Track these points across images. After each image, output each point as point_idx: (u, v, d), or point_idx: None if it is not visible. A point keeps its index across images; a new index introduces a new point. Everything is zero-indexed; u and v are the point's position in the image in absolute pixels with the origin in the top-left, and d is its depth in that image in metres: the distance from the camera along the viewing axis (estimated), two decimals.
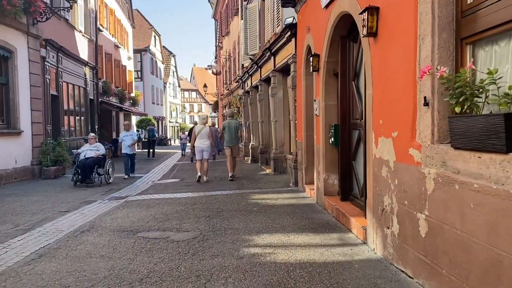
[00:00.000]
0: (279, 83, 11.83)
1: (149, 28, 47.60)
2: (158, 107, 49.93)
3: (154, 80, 47.74)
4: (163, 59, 53.95)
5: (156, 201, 8.39)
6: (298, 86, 8.86)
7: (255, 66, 14.49)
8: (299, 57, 8.61)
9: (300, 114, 8.55)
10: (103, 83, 21.79)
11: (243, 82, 19.12)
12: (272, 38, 11.18)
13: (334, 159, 6.68)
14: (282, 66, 10.98)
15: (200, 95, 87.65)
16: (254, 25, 14.38)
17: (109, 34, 24.56)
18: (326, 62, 6.47)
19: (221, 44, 29.66)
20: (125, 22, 30.54)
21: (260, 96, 14.34)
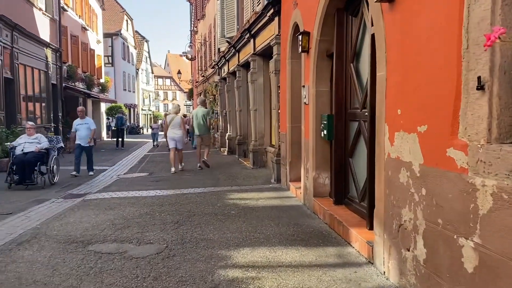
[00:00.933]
0: (260, 68, 10.79)
1: (121, 12, 45.51)
2: (130, 94, 48.05)
3: (125, 66, 45.81)
4: (136, 44, 51.85)
5: (118, 200, 7.28)
6: (282, 71, 7.86)
7: (233, 50, 13.39)
8: (284, 37, 7.59)
9: (285, 102, 7.56)
10: (68, 67, 20.23)
11: (219, 68, 17.97)
12: (252, 18, 10.10)
13: (325, 155, 5.73)
14: (263, 49, 9.93)
15: (174, 82, 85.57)
16: (231, 5, 13.24)
17: (75, 15, 22.89)
18: (318, 41, 5.48)
19: (196, 29, 28.28)
20: (94, 3, 28.72)
21: (238, 83, 13.27)
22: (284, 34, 7.57)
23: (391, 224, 3.36)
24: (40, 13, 16.19)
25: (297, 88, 7.25)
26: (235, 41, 12.65)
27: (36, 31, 15.62)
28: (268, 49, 9.60)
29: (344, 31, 5.11)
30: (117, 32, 42.24)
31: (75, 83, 21.24)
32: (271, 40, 8.60)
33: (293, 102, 7.26)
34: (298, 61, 7.21)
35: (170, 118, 10.79)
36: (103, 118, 32.38)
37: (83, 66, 24.36)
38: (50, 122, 17.10)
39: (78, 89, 20.99)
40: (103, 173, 11.36)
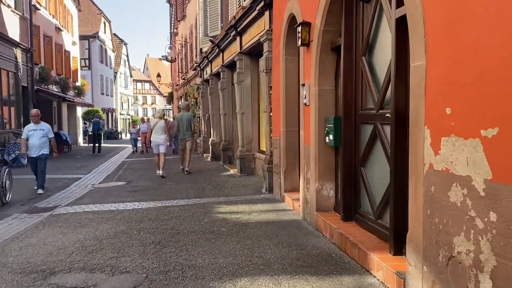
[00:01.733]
0: (247, 68, 10.04)
1: (98, 14, 44.17)
2: (108, 98, 46.69)
3: (103, 69, 44.47)
4: (114, 47, 50.50)
5: (91, 215, 6.39)
6: (274, 69, 7.13)
7: (217, 49, 12.61)
8: (277, 32, 6.86)
9: (278, 104, 6.82)
10: (40, 69, 19.08)
11: (201, 70, 17.15)
12: (238, 14, 9.35)
13: (330, 163, 5.00)
14: (251, 47, 9.19)
15: (153, 86, 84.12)
16: (215, 1, 12.47)
17: (48, 14, 21.72)
18: (322, 32, 4.76)
19: (176, 30, 27.38)
20: (69, 3, 27.54)
21: (223, 85, 12.49)
22: (277, 29, 6.84)
23: (435, 255, 2.64)
24: (8, 10, 15.09)
25: (292, 88, 6.53)
26: (219, 39, 11.88)
27: (4, 29, 14.52)
28: (257, 47, 8.87)
29: (353, 20, 4.41)
30: (94, 35, 40.94)
31: (49, 86, 20.07)
32: (261, 37, 7.87)
33: (288, 104, 6.53)
34: (293, 58, 6.50)
35: (154, 122, 10.93)
36: (80, 122, 31.11)
37: (57, 68, 23.18)
38: (20, 127, 15.93)
39: (51, 92, 19.83)
40: (77, 182, 10.40)
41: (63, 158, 18.24)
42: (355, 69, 4.43)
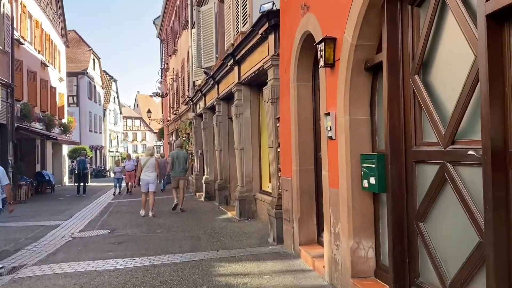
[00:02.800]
0: (246, 99, 9.04)
1: (88, 50, 43.70)
2: (96, 135, 45.50)
3: (92, 106, 43.55)
4: (103, 84, 49.79)
5: (62, 280, 5.13)
6: (283, 98, 6.11)
7: (211, 81, 11.66)
8: (285, 56, 5.88)
9: (288, 138, 5.75)
10: (22, 106, 17.96)
11: (194, 104, 16.17)
12: (237, 40, 8.43)
13: (368, 214, 3.89)
14: (251, 76, 8.22)
15: (144, 123, 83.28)
16: (209, 32, 11.63)
17: (33, 49, 20.83)
18: (354, 47, 3.75)
19: (167, 65, 26.68)
20: (57, 39, 26.82)
21: (218, 119, 11.45)
22: (285, 52, 5.87)
23: None
24: None
25: (306, 119, 5.49)
26: (215, 70, 10.94)
27: None
28: (259, 76, 7.90)
29: (398, 29, 3.41)
30: (83, 71, 40.26)
31: (31, 123, 18.89)
32: (265, 63, 6.89)
33: (302, 138, 5.47)
34: (306, 84, 5.50)
35: (144, 160, 10.79)
36: (66, 161, 29.76)
37: (42, 104, 22.07)
38: None
39: (33, 130, 18.61)
40: (54, 231, 9.09)
41: (44, 200, 16.89)
42: (403, 92, 3.40)
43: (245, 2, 8.40)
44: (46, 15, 23.84)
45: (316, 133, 5.49)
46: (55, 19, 26.56)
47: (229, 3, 9.70)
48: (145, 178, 10.56)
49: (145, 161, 10.69)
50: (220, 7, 11.41)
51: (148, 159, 10.72)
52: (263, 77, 7.72)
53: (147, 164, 10.59)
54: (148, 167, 10.57)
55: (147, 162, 10.62)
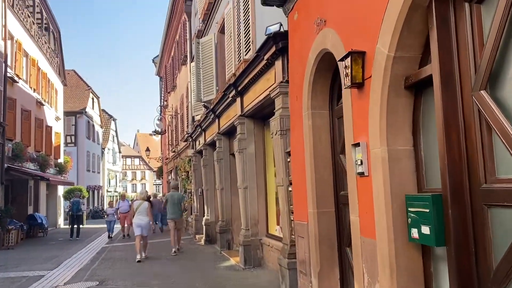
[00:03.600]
0: (250, 133, 8.26)
1: (87, 89, 43.55)
2: (94, 175, 44.62)
3: (90, 146, 42.90)
4: (102, 122, 49.36)
5: None
6: (294, 129, 5.32)
7: (212, 115, 10.94)
8: (297, 81, 5.15)
9: (302, 175, 4.93)
10: (14, 145, 17.20)
11: (193, 140, 15.42)
12: (239, 69, 7.76)
13: (417, 274, 3.01)
14: (256, 108, 7.49)
15: (143, 161, 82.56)
16: (209, 63, 11.04)
17: (28, 88, 20.34)
18: (391, 60, 3.00)
19: (166, 102, 26.20)
20: (54, 77, 26.48)
21: (219, 155, 10.65)
22: (297, 77, 5.14)
23: None
24: None
25: (323, 152, 4.69)
26: (215, 104, 10.24)
27: None
28: (264, 106, 7.18)
29: (452, 34, 2.66)
30: (82, 110, 39.86)
31: (23, 164, 18.06)
32: (272, 91, 6.16)
33: (319, 173, 4.65)
34: (322, 113, 4.73)
35: (138, 204, 10.69)
36: (61, 202, 28.70)
37: (36, 144, 21.35)
38: None
39: (24, 170, 17.74)
40: (36, 283, 8.09)
41: (34, 245, 15.82)
42: (462, 113, 2.61)
43: (247, 29, 7.80)
44: (44, 53, 23.55)
45: (336, 168, 4.68)
46: (52, 58, 26.31)
47: (230, 31, 9.13)
48: (138, 222, 10.42)
49: (138, 205, 10.62)
50: (221, 38, 10.88)
51: (141, 203, 10.65)
52: (269, 108, 7.00)
53: (140, 208, 10.53)
54: (140, 211, 10.50)
55: (140, 206, 10.56)
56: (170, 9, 20.21)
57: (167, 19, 21.37)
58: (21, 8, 19.48)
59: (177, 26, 20.71)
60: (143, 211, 10.46)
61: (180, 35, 20.00)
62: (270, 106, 6.70)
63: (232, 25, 8.98)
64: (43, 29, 23.92)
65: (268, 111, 7.24)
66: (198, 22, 14.26)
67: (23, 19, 19.72)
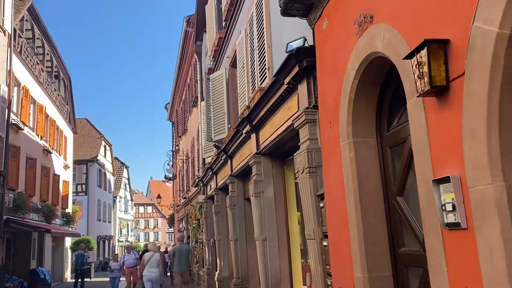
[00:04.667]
0: (268, 173, 7.07)
1: (99, 137, 43.22)
2: (105, 224, 43.36)
3: (101, 194, 41.95)
4: (114, 170, 48.65)
5: None
6: (329, 165, 4.13)
7: (223, 156, 9.84)
8: (329, 104, 4.03)
9: (343, 225, 3.68)
10: (16, 195, 16.22)
11: (204, 185, 14.26)
12: (254, 99, 6.71)
13: None
14: (274, 144, 6.35)
15: (156, 209, 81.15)
16: (220, 100, 10.08)
17: (35, 135, 19.67)
18: (506, 41, 1.86)
19: (178, 147, 25.33)
20: (63, 125, 25.94)
21: (232, 200, 9.43)
22: (329, 98, 4.03)
23: None
24: None
25: (372, 193, 3.48)
26: (227, 142, 9.16)
27: None
28: (283, 141, 6.05)
29: None
30: (93, 159, 39.22)
31: (25, 215, 16.98)
32: (295, 120, 5.04)
33: (368, 223, 3.42)
34: (367, 141, 3.57)
35: (149, 256, 10.41)
36: (68, 254, 27.32)
37: (42, 194, 20.39)
38: None
39: (25, 222, 16.61)
40: None
41: None
42: None
43: (262, 55, 6.82)
44: (53, 101, 23.11)
45: (390, 216, 3.44)
46: (62, 105, 25.91)
47: (243, 62, 8.19)
48: (149, 275, 10.13)
49: (150, 257, 10.32)
50: (232, 72, 9.98)
51: (153, 255, 10.36)
52: (290, 142, 5.87)
53: (152, 259, 10.25)
54: (152, 263, 10.23)
55: (152, 258, 10.27)
56: (180, 52, 19.73)
57: (178, 62, 20.90)
58: (30, 55, 19.16)
59: (188, 68, 20.16)
60: (154, 262, 10.22)
61: (191, 78, 19.39)
62: (293, 139, 5.57)
63: (245, 54, 8.05)
64: (52, 76, 23.65)
65: (290, 147, 6.11)
66: (208, 60, 13.52)
67: (32, 66, 19.37)
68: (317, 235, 4.51)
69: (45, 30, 21.29)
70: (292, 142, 5.66)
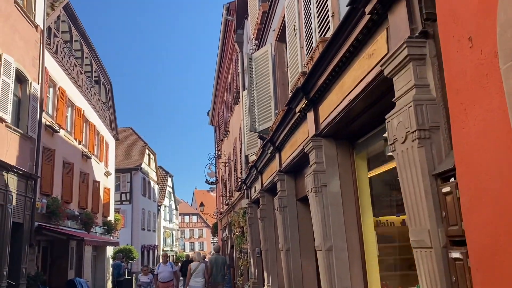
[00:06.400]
0: (331, 162, 5.25)
1: (143, 146, 42.92)
2: (150, 233, 42.71)
3: (145, 203, 41.39)
4: (158, 179, 48.22)
5: None
6: (465, 120, 2.31)
7: (270, 149, 8.14)
8: (473, 4, 2.25)
9: (507, 220, 1.87)
10: (50, 201, 15.27)
11: (247, 188, 12.62)
12: (313, 58, 4.97)
13: None
14: (341, 118, 4.56)
15: (201, 219, 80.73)
16: (265, 83, 8.43)
17: (73, 139, 18.87)
18: None
19: (220, 151, 23.95)
20: (104, 131, 25.27)
21: (282, 201, 7.68)
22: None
23: None
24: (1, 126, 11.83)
25: None
26: (274, 130, 7.46)
27: None
28: (354, 113, 4.26)
29: None
30: (137, 167, 38.72)
31: (60, 222, 15.97)
32: (386, 65, 3.24)
33: None
34: None
35: (195, 266, 10.75)
36: (109, 265, 26.47)
37: (80, 201, 19.53)
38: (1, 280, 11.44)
39: (57, 229, 15.52)
40: None
41: None
42: None
43: (323, 2, 5.09)
44: (93, 105, 22.42)
45: None
46: (103, 110, 25.27)
47: (294, 24, 6.48)
48: (194, 285, 10.46)
49: (196, 267, 10.65)
50: (279, 47, 8.32)
51: (199, 265, 10.69)
52: (366, 114, 4.10)
53: (198, 269, 10.57)
54: (198, 273, 10.55)
55: (198, 268, 10.61)
56: (220, 46, 18.38)
57: (218, 59, 19.56)
58: (67, 56, 18.44)
59: (229, 64, 18.76)
60: (200, 273, 10.54)
61: (232, 75, 17.96)
62: (371, 108, 3.80)
63: (297, 13, 6.35)
64: (92, 80, 23.01)
65: (362, 123, 4.35)
66: (251, 45, 11.97)
67: (69, 67, 18.64)
68: (436, 241, 2.66)
69: (84, 32, 20.63)
70: (368, 113, 3.90)
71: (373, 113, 4.27)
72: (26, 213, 13.09)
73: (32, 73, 13.97)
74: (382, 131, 4.72)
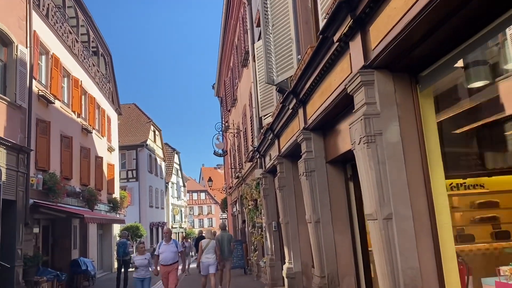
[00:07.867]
0: (388, 101, 3.82)
1: (147, 122, 41.60)
2: (158, 211, 41.88)
3: (152, 180, 40.38)
4: (165, 156, 47.11)
5: None
6: None
7: (292, 103, 6.76)
8: None
9: None
10: (47, 177, 14.09)
11: (261, 156, 11.31)
12: None
13: None
14: (407, 34, 3.17)
15: (210, 196, 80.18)
16: (284, 23, 6.98)
17: (70, 112, 17.56)
18: None
19: (227, 123, 22.60)
20: (105, 104, 23.95)
21: (309, 165, 6.33)
22: None
23: None
24: None
25: None
26: (298, 77, 6.06)
27: None
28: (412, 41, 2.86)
29: None
30: (143, 143, 37.54)
31: (59, 199, 14.82)
32: None
33: None
34: None
35: (206, 243, 10.56)
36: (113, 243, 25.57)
37: (82, 177, 18.39)
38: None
39: (55, 207, 14.36)
40: None
41: None
42: None
43: None
44: (91, 76, 21.04)
45: None
46: (103, 83, 23.88)
47: None
48: (206, 261, 10.43)
49: (207, 244, 10.53)
50: None
51: (209, 241, 10.59)
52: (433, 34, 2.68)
53: (209, 246, 10.48)
54: (209, 249, 10.45)
55: (209, 244, 10.50)
56: (225, 4, 16.75)
57: (223, 17, 17.94)
58: (60, 21, 16.94)
59: (235, 26, 17.20)
60: (211, 249, 10.45)
61: (238, 37, 16.43)
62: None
63: None
64: (90, 51, 21.53)
65: (423, 51, 2.94)
66: None
67: (62, 34, 17.17)
68: None
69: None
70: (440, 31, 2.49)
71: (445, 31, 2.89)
72: (19, 189, 11.91)
73: (19, 36, 12.57)
74: (454, 57, 3.38)
